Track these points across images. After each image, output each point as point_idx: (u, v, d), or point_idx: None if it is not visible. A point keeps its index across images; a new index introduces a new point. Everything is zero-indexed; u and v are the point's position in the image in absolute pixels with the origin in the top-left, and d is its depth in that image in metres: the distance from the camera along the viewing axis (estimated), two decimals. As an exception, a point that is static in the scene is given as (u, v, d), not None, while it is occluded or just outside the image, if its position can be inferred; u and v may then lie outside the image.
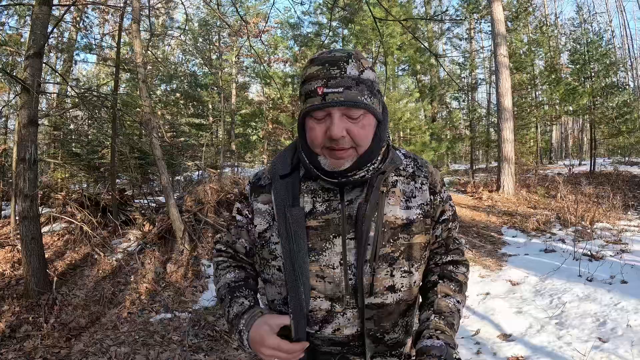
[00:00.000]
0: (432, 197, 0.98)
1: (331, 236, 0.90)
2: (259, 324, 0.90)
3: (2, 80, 7.04)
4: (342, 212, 0.90)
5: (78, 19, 8.97)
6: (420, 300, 1.03)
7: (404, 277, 0.92)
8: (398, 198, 0.94)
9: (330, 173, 0.89)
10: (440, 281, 1.00)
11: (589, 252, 4.72)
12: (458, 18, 15.08)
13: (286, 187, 0.94)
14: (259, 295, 1.05)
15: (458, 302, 0.97)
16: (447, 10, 15.77)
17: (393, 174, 0.96)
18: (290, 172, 0.95)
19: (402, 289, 0.93)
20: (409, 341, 1.02)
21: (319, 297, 0.91)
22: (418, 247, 0.94)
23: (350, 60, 0.84)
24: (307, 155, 0.91)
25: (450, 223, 1.03)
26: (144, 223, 5.49)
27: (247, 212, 1.01)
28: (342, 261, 0.90)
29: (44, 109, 9.18)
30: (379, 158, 0.91)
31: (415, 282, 0.96)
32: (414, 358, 0.94)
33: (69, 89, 5.25)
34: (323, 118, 0.85)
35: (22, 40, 6.98)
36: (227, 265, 1.08)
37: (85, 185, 8.07)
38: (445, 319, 0.92)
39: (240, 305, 0.95)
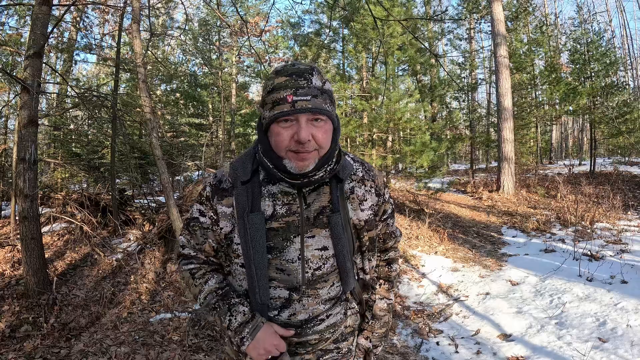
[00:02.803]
0: (377, 199, 1.14)
1: (291, 236, 1.03)
2: (267, 329, 1.05)
3: (2, 80, 7.04)
4: (301, 214, 1.03)
5: (78, 19, 8.97)
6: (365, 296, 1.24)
7: (369, 261, 1.16)
8: (355, 202, 1.09)
9: (293, 175, 0.98)
10: (379, 281, 1.25)
11: (589, 252, 4.72)
12: (458, 18, 15.08)
13: (246, 192, 1.03)
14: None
15: (388, 301, 1.25)
16: (446, 10, 15.76)
17: (349, 181, 1.09)
18: (250, 178, 1.04)
19: (367, 268, 1.17)
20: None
21: (279, 287, 1.06)
22: (372, 240, 1.15)
23: (314, 73, 0.95)
24: (270, 159, 1.00)
25: (390, 219, 1.22)
26: (144, 223, 5.49)
27: (211, 214, 1.08)
28: (300, 256, 1.04)
29: (44, 109, 9.18)
30: (334, 160, 1.04)
31: (373, 266, 1.19)
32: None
33: (69, 89, 5.25)
34: (290, 124, 0.94)
35: (22, 40, 6.98)
36: (202, 272, 1.14)
37: (85, 185, 8.06)
38: (380, 321, 1.24)
39: (243, 315, 1.06)
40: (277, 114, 0.92)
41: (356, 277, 1.17)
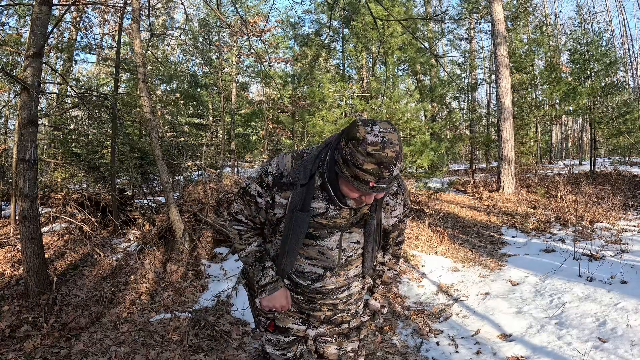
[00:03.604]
0: (404, 209, 1.49)
1: (335, 231, 1.35)
2: (282, 292, 1.43)
3: (2, 80, 7.03)
4: (348, 220, 1.34)
5: (78, 18, 8.97)
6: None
7: (387, 254, 1.61)
8: (388, 212, 1.44)
9: (346, 204, 1.29)
10: (390, 257, 1.63)
11: (589, 252, 4.72)
12: (458, 18, 15.07)
13: (301, 193, 1.27)
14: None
15: (395, 272, 1.65)
16: (447, 10, 15.76)
17: (387, 196, 1.41)
18: (308, 181, 1.27)
19: (385, 261, 1.62)
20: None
21: (317, 266, 1.40)
22: (394, 238, 1.58)
23: (397, 162, 1.12)
24: (334, 191, 1.25)
25: (405, 220, 1.56)
26: (144, 223, 5.49)
27: (268, 199, 1.34)
28: (338, 246, 1.37)
29: (44, 109, 9.18)
30: None
31: (389, 258, 1.63)
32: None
33: (69, 89, 5.25)
34: (363, 191, 1.17)
35: (22, 40, 6.97)
36: (248, 235, 1.45)
37: (85, 185, 8.06)
38: (387, 286, 1.64)
39: (270, 277, 1.42)
40: (355, 185, 1.14)
41: (374, 267, 1.57)
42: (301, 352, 1.61)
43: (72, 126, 8.71)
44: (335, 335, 1.56)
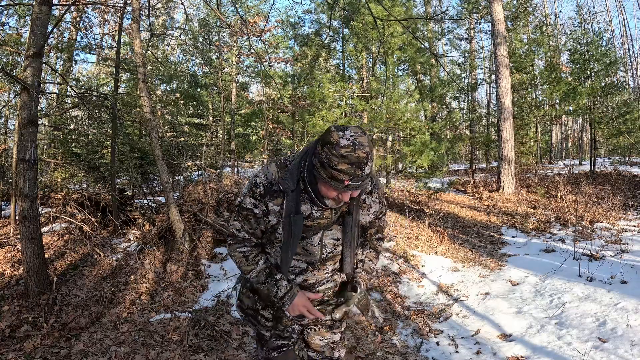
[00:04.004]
0: (380, 206, 1.61)
1: (318, 230, 1.48)
2: (300, 296, 1.52)
3: (2, 80, 7.03)
4: (330, 220, 1.48)
5: (78, 18, 8.97)
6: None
7: (367, 250, 1.70)
8: (365, 209, 1.57)
9: (326, 205, 1.41)
10: (369, 250, 1.72)
11: (589, 252, 4.71)
12: (458, 18, 15.07)
13: (293, 198, 1.39)
14: None
15: (374, 265, 1.72)
16: (447, 10, 15.77)
17: (363, 194, 1.52)
18: (295, 187, 1.39)
19: (363, 259, 1.69)
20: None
21: (301, 261, 1.53)
22: (371, 235, 1.70)
23: (368, 162, 1.23)
24: (315, 193, 1.37)
25: (383, 218, 1.70)
26: (144, 223, 5.49)
27: (264, 208, 1.44)
28: (320, 242, 1.50)
29: (44, 109, 9.18)
30: None
31: (366, 254, 1.71)
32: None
33: (69, 89, 5.25)
34: (339, 190, 1.29)
35: (22, 40, 6.97)
36: (254, 255, 1.53)
37: (85, 185, 8.06)
38: (366, 272, 1.67)
39: (285, 287, 1.50)
40: (334, 184, 1.26)
41: (354, 265, 1.62)
42: (295, 340, 1.77)
43: (72, 126, 8.71)
44: (319, 326, 1.70)
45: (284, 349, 1.73)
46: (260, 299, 1.65)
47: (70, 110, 7.84)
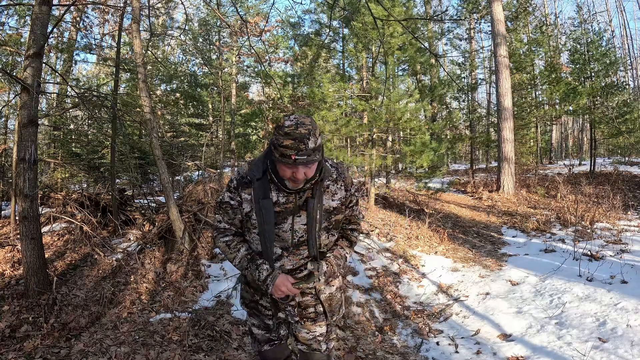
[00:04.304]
0: (346, 193, 1.70)
1: (287, 215, 1.60)
2: (281, 277, 1.61)
3: (2, 80, 7.03)
4: (295, 203, 1.59)
5: (78, 18, 8.97)
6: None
7: (331, 237, 1.73)
8: (329, 194, 1.66)
9: (290, 188, 1.55)
10: (341, 239, 1.78)
11: (589, 252, 4.72)
12: (458, 18, 15.07)
13: (260, 185, 1.57)
14: None
15: (345, 251, 1.76)
16: (447, 10, 15.77)
17: (327, 181, 1.64)
18: (262, 176, 1.57)
19: (330, 243, 1.72)
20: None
21: (276, 247, 1.63)
22: (338, 222, 1.72)
23: (310, 137, 1.41)
24: (277, 177, 1.54)
25: (354, 207, 1.79)
26: (144, 223, 5.49)
27: (238, 199, 1.63)
28: (290, 228, 1.61)
29: (44, 109, 9.18)
30: (318, 176, 1.57)
31: (335, 239, 1.75)
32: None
33: (69, 89, 5.25)
34: (291, 167, 1.44)
35: (22, 40, 6.97)
36: (235, 243, 1.69)
37: (85, 185, 8.06)
38: (337, 258, 1.71)
39: (266, 271, 1.62)
40: (283, 162, 1.42)
41: (319, 248, 1.68)
42: (286, 334, 1.86)
43: (72, 126, 8.71)
44: (303, 319, 1.76)
45: (275, 342, 1.85)
46: (254, 289, 1.76)
47: (70, 110, 7.84)
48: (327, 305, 1.76)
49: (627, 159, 15.44)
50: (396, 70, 9.04)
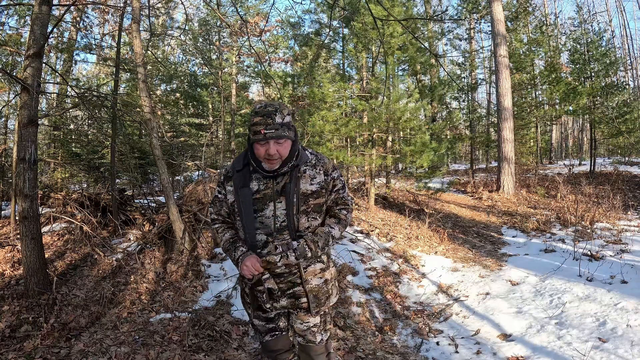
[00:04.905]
0: (325, 178, 1.78)
1: (268, 202, 1.69)
2: (250, 257, 1.68)
3: (2, 80, 7.03)
4: (273, 189, 1.69)
5: (78, 19, 8.97)
6: None
7: (313, 220, 1.76)
8: (307, 179, 1.73)
9: (268, 171, 1.67)
10: (328, 218, 1.85)
11: (589, 252, 4.72)
12: (458, 18, 15.08)
13: (240, 176, 1.71)
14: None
15: (331, 227, 1.79)
16: (447, 10, 15.77)
17: (303, 166, 1.73)
18: (243, 168, 1.72)
19: (312, 227, 1.76)
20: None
21: (261, 234, 1.71)
22: (318, 205, 1.77)
23: (277, 113, 1.58)
24: (254, 162, 1.68)
25: (340, 191, 1.85)
26: (144, 223, 5.49)
27: (224, 192, 1.80)
28: (273, 214, 1.69)
29: (44, 109, 9.18)
30: (294, 159, 1.68)
31: (318, 223, 1.79)
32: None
33: (69, 89, 5.25)
34: (264, 144, 1.59)
35: (22, 40, 6.97)
36: (223, 228, 1.85)
37: (85, 185, 8.06)
38: (316, 235, 1.74)
39: (241, 251, 1.73)
40: (255, 139, 1.58)
41: (297, 230, 1.71)
42: (286, 326, 1.93)
43: (72, 126, 8.71)
44: (297, 310, 1.81)
45: (276, 332, 1.91)
46: (242, 280, 1.88)
47: (70, 110, 7.84)
48: (311, 296, 1.77)
49: (627, 159, 15.45)
50: (396, 70, 9.04)
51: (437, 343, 3.27)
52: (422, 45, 5.52)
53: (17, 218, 4.36)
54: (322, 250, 1.75)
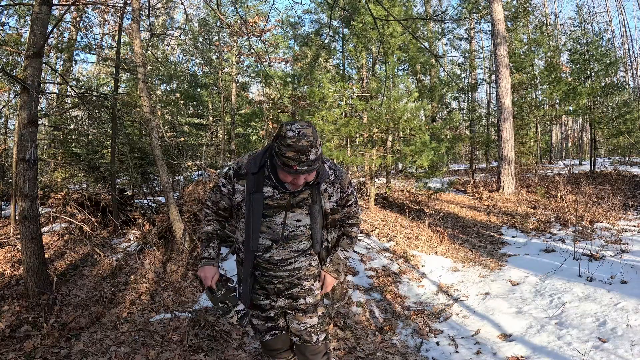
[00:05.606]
0: (341, 195, 1.79)
1: (280, 210, 1.67)
2: (209, 266, 1.75)
3: (2, 80, 7.03)
4: (289, 202, 1.67)
5: (78, 18, 8.97)
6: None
7: (329, 235, 1.83)
8: (326, 197, 1.73)
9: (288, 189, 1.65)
10: (342, 237, 1.90)
11: (589, 252, 4.72)
12: (458, 18, 15.07)
13: (254, 179, 1.65)
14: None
15: (346, 251, 1.90)
16: (447, 10, 15.77)
17: (323, 184, 1.71)
18: (258, 171, 1.65)
19: (330, 239, 1.85)
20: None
21: (266, 238, 1.71)
22: (334, 221, 1.81)
23: (312, 149, 1.46)
24: (275, 178, 1.61)
25: (353, 205, 1.87)
26: (144, 223, 5.49)
27: (230, 188, 1.75)
28: (282, 222, 1.69)
29: (44, 109, 9.18)
30: (315, 177, 1.63)
31: (333, 236, 1.87)
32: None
33: (69, 89, 5.25)
34: (292, 174, 1.51)
35: (22, 40, 6.97)
36: (211, 218, 1.84)
37: (85, 185, 8.06)
38: (335, 264, 1.87)
39: (208, 255, 1.78)
40: (286, 171, 1.49)
41: (323, 244, 1.81)
42: (285, 325, 1.94)
43: (72, 126, 8.71)
44: (294, 311, 1.83)
45: (276, 331, 1.93)
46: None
47: (70, 110, 7.84)
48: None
49: (627, 159, 15.45)
50: (396, 70, 9.03)
51: (437, 343, 3.27)
52: (422, 45, 5.51)
53: (17, 218, 4.36)
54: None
